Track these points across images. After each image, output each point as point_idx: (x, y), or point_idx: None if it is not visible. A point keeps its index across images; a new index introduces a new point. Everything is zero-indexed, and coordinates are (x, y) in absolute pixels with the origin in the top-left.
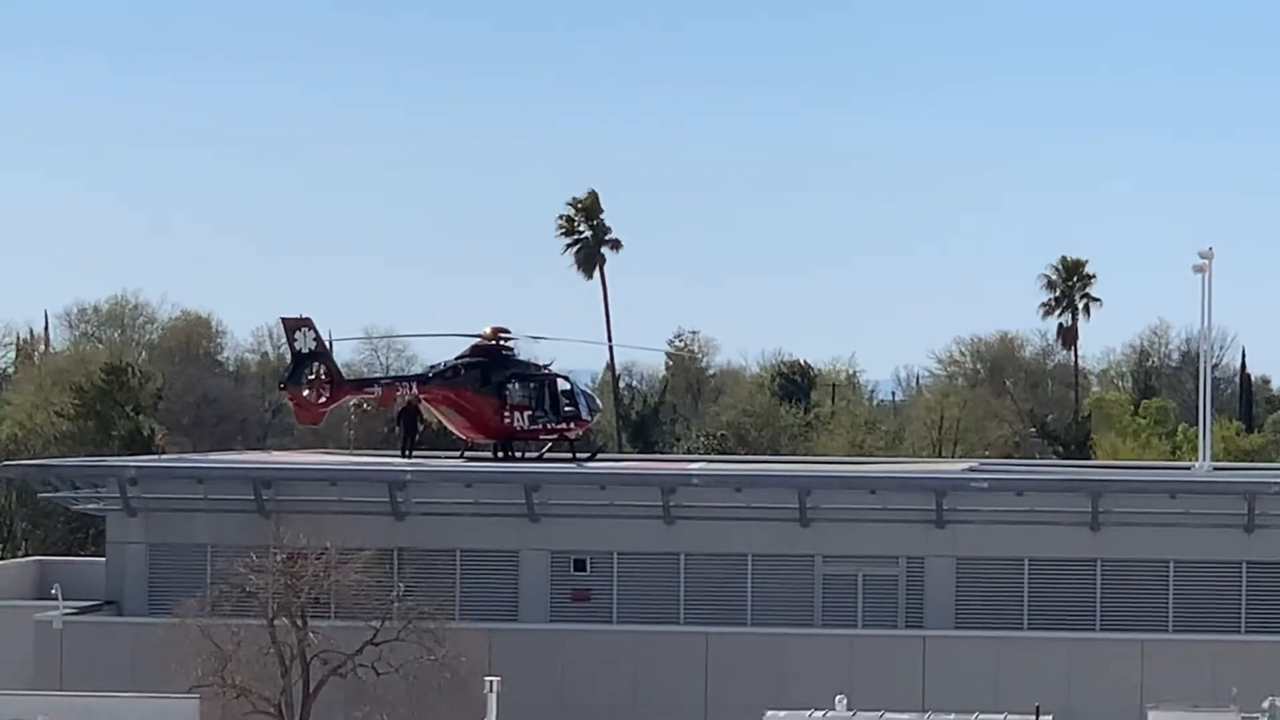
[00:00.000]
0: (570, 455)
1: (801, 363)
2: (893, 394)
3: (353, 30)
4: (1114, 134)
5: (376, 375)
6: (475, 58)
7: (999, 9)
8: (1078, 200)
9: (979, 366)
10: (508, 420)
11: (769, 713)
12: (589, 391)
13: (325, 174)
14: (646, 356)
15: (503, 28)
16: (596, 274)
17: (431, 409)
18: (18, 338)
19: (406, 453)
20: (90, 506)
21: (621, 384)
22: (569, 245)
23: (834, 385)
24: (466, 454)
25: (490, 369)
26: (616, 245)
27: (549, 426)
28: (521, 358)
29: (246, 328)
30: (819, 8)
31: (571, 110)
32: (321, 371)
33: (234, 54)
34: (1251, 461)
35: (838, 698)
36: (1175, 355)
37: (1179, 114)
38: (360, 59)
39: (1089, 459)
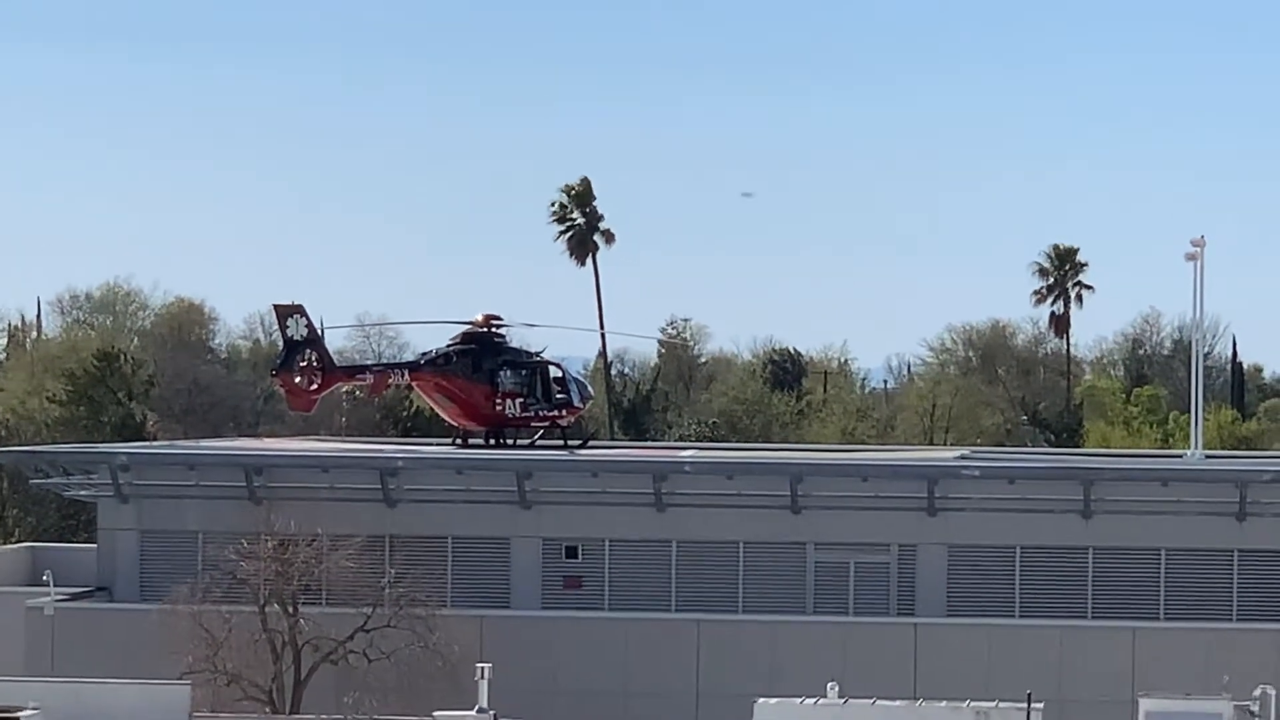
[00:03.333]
0: (562, 442)
1: (793, 350)
2: (884, 382)
3: (345, 18)
4: (1106, 121)
5: (368, 362)
6: (468, 45)
7: None
8: (1069, 188)
9: (971, 354)
10: (499, 407)
11: (760, 700)
12: (581, 379)
13: (317, 161)
14: (639, 344)
15: (496, 13)
16: (589, 261)
17: (423, 396)
18: (9, 324)
19: (457, 441)
20: (82, 493)
21: (614, 371)
22: (561, 232)
23: (825, 373)
24: (458, 440)
25: (482, 356)
26: (609, 237)
27: (541, 414)
28: (513, 345)
29: (239, 315)
30: None
31: (564, 97)
32: (313, 358)
33: (226, 41)
34: (1248, 448)
35: (829, 685)
36: (1167, 343)
37: (1172, 101)
38: (352, 47)
39: (1081, 447)
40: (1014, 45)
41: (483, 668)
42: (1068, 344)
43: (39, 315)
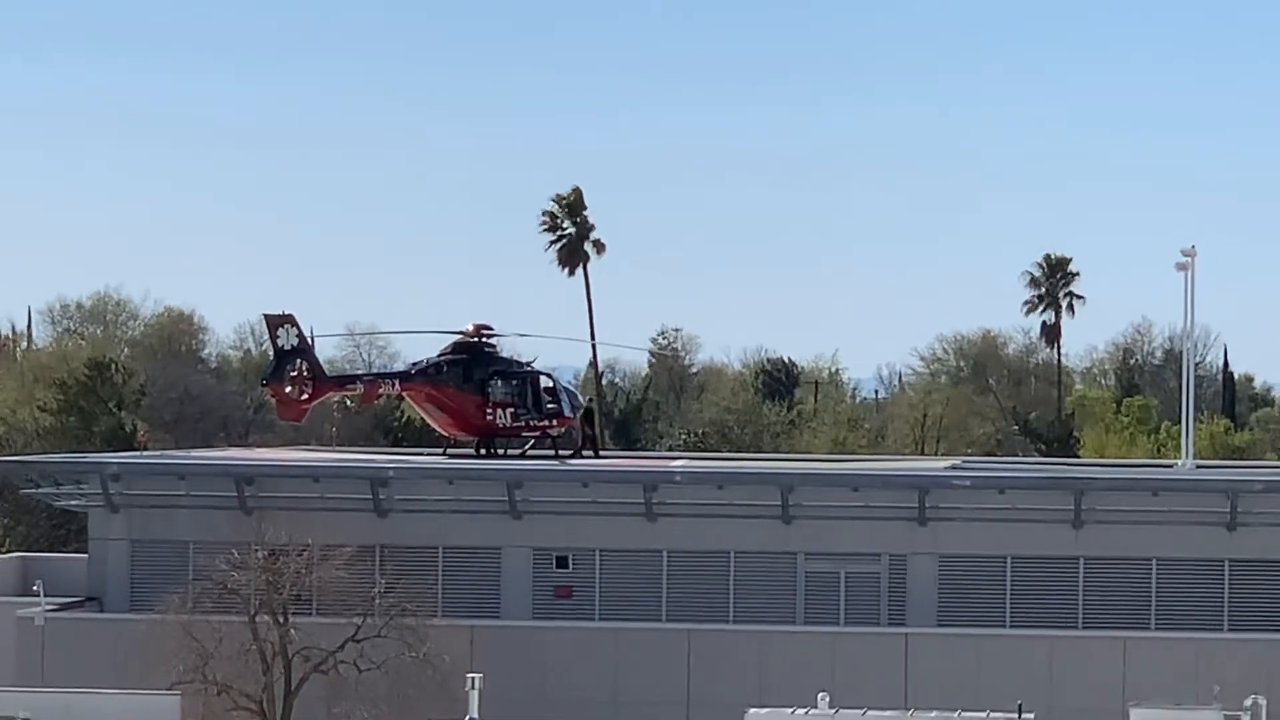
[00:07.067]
0: (553, 453)
1: (784, 360)
2: (875, 391)
3: (335, 26)
4: (1098, 132)
5: (359, 372)
6: (459, 53)
7: (983, 6)
8: (1061, 198)
9: (962, 364)
10: (490, 417)
11: (751, 710)
12: (571, 389)
13: (308, 171)
14: (630, 354)
15: (487, 22)
16: (580, 271)
17: (414, 406)
18: None
19: (581, 453)
20: (72, 503)
21: (604, 381)
22: (552, 242)
23: (817, 383)
24: (449, 450)
25: (473, 366)
26: (600, 247)
27: (531, 424)
28: (504, 355)
29: (229, 324)
30: (802, 3)
31: (554, 106)
32: (304, 368)
33: (216, 50)
34: (1240, 458)
35: (820, 695)
36: (1158, 353)
37: (1163, 112)
38: (343, 55)
39: (1072, 457)
40: (1004, 56)
41: (473, 677)
42: (1059, 354)
43: (29, 324)
